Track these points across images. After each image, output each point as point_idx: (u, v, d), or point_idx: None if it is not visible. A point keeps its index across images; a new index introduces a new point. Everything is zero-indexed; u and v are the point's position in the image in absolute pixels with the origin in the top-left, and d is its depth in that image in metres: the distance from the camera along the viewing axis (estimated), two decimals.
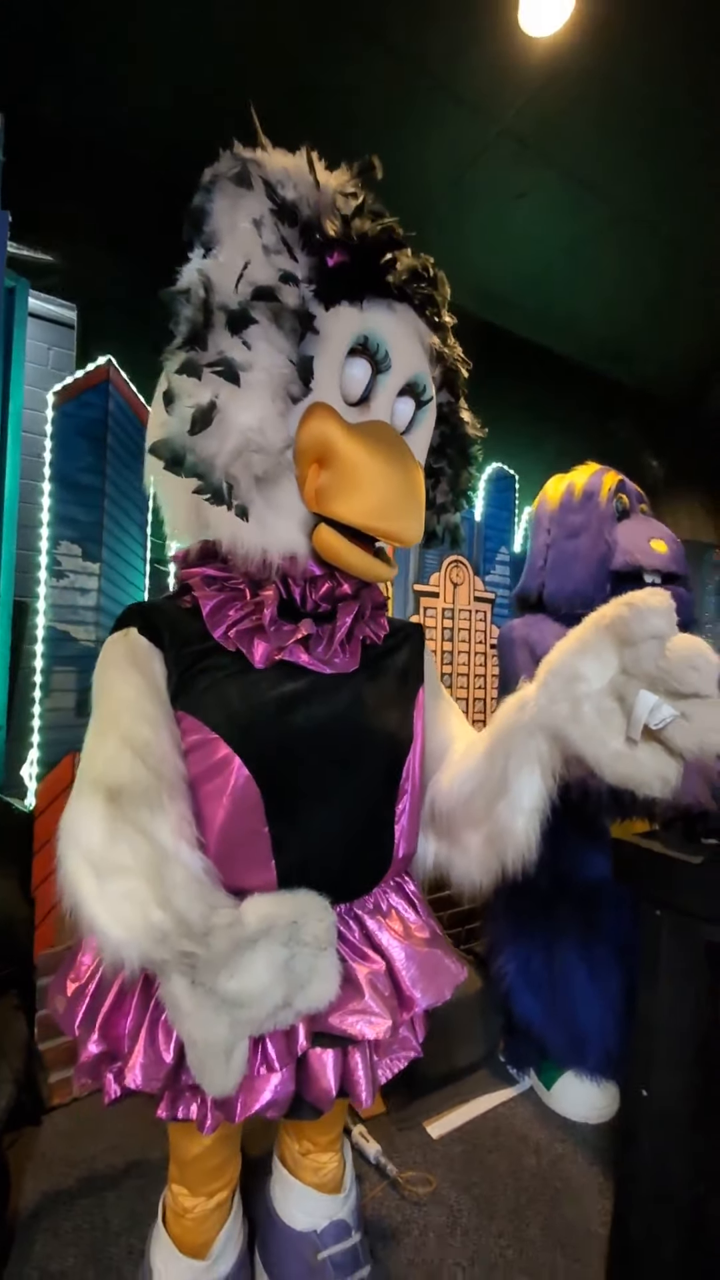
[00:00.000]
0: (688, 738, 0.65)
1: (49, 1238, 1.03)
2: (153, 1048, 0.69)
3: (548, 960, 1.36)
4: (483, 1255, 1.02)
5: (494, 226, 1.96)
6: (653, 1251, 0.95)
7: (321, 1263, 0.90)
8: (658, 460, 3.00)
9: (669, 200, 1.91)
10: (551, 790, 0.77)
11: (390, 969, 0.78)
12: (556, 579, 1.38)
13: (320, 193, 0.69)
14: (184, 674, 0.74)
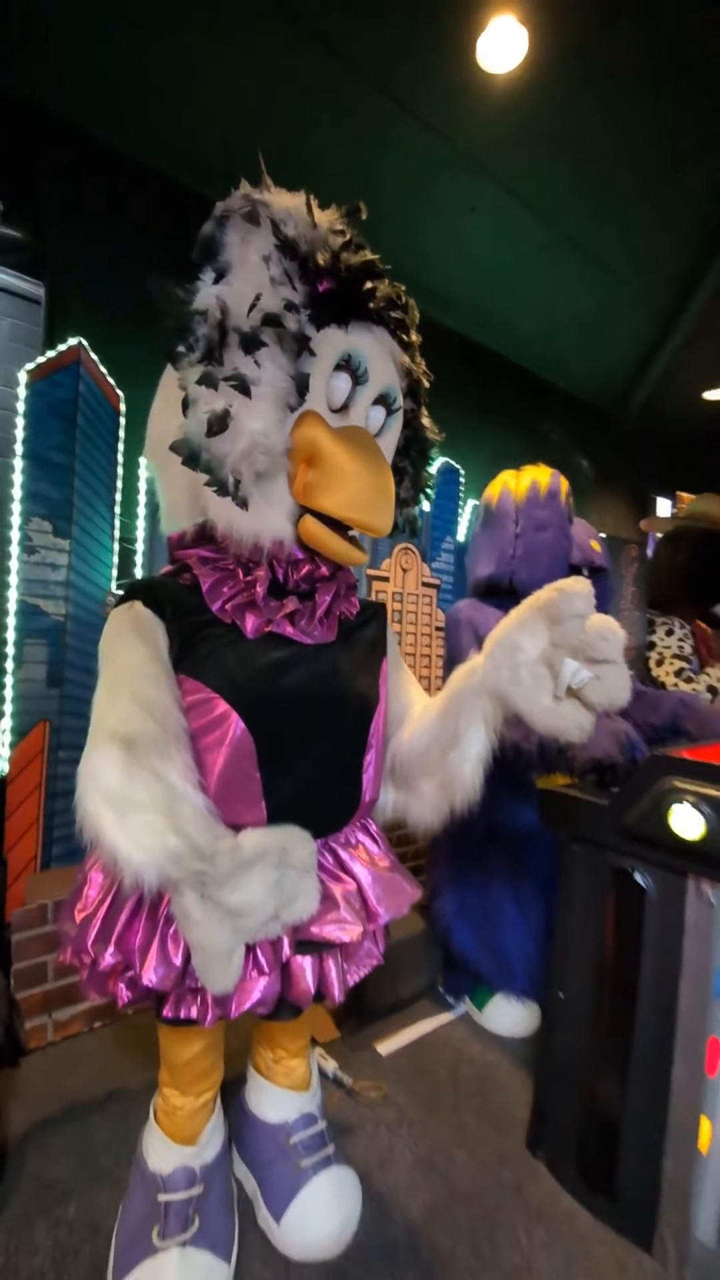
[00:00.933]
0: (600, 694, 0.84)
1: (41, 1154, 1.14)
2: (164, 954, 0.81)
3: (482, 899, 1.57)
4: (427, 1139, 1.21)
5: (446, 235, 2.11)
6: (559, 1120, 1.16)
7: (293, 1145, 1.05)
8: (586, 461, 3.27)
9: (604, 227, 2.11)
10: (493, 743, 0.95)
11: (359, 888, 0.93)
12: (528, 568, 1.55)
13: (315, 230, 0.81)
14: (185, 642, 0.86)
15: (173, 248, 1.81)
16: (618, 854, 1.12)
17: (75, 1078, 1.34)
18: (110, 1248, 0.95)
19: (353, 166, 1.74)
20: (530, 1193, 1.11)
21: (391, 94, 1.58)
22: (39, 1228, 1.00)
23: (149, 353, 1.74)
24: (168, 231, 1.99)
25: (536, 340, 2.67)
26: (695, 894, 1.03)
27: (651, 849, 1.06)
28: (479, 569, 1.65)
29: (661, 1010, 1.04)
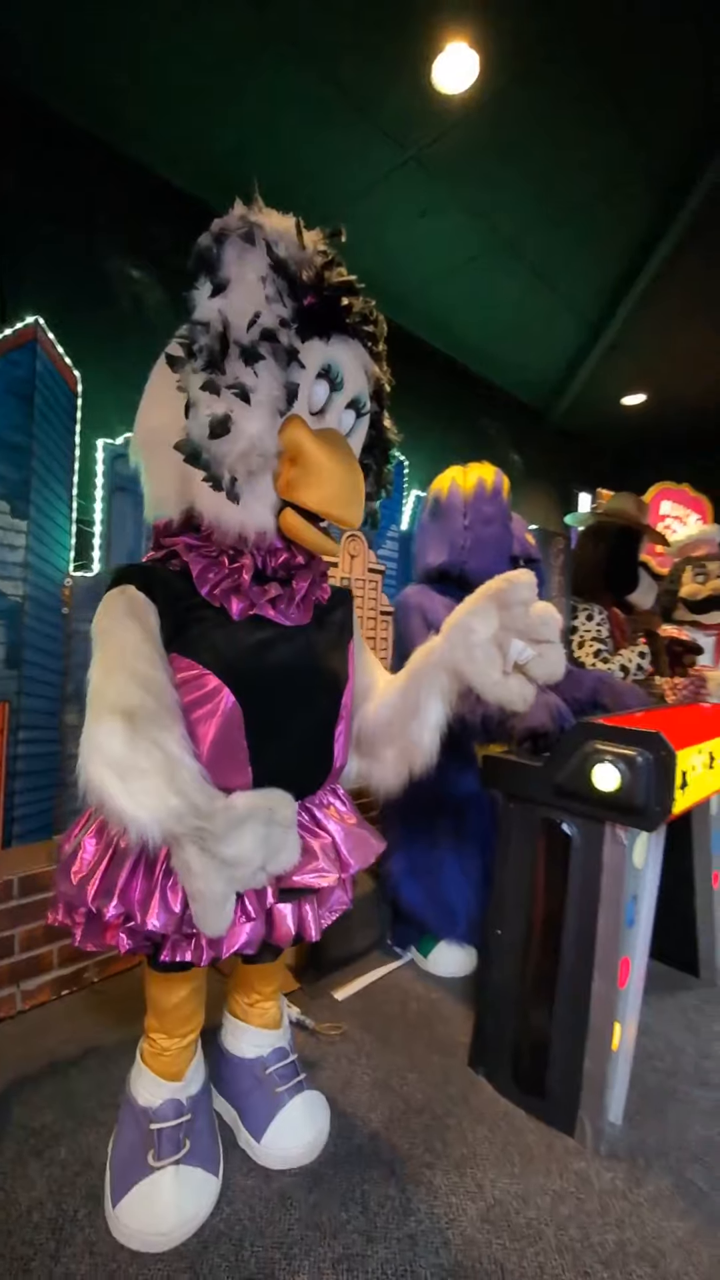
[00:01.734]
0: (541, 669, 1.00)
1: (25, 1107, 1.20)
2: (164, 903, 0.90)
3: (428, 858, 1.73)
4: (382, 1065, 1.37)
5: (397, 234, 2.21)
6: (497, 1039, 1.34)
7: (269, 1075, 1.17)
8: (518, 456, 3.49)
9: (542, 239, 2.28)
10: (450, 714, 1.10)
11: (334, 842, 1.05)
12: (477, 559, 1.69)
13: (303, 252, 0.90)
14: (177, 624, 0.95)
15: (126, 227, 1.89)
16: (549, 808, 1.30)
17: (49, 1039, 1.40)
18: (105, 1176, 1.04)
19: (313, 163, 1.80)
20: (473, 1101, 1.29)
21: (352, 100, 1.65)
22: (32, 1167, 1.08)
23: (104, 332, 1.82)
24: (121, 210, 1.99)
25: (476, 340, 2.83)
26: (611, 838, 1.22)
27: (577, 802, 1.24)
28: (430, 558, 1.79)
29: (583, 937, 1.23)
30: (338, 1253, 0.96)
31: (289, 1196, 1.05)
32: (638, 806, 1.16)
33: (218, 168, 1.94)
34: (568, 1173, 1.12)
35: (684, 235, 2.25)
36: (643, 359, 3.14)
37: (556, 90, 1.71)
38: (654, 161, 1.94)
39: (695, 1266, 0.96)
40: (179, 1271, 0.92)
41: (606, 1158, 1.16)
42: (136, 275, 1.96)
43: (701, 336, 2.99)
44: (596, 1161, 1.15)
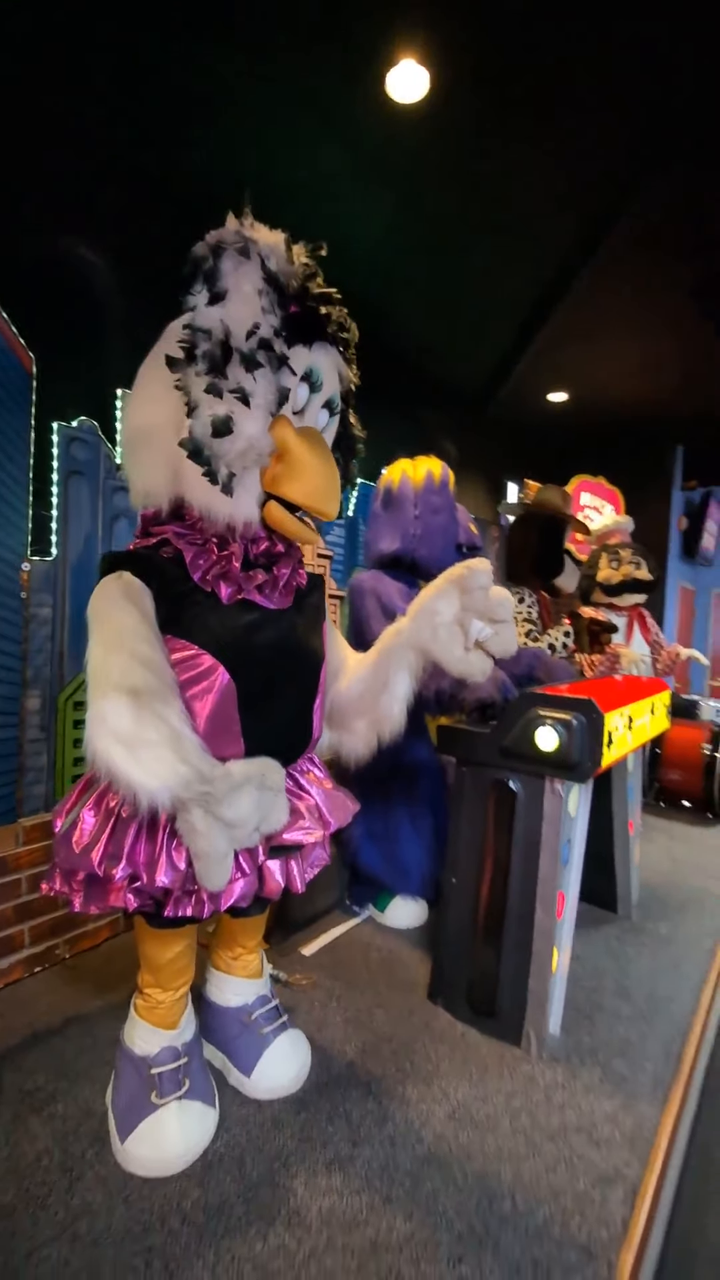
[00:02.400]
0: (497, 646, 1.15)
1: (17, 1072, 1.25)
2: (170, 862, 0.98)
3: (384, 822, 1.88)
4: (352, 1006, 1.51)
5: (346, 229, 2.28)
6: (453, 972, 1.52)
7: (254, 1019, 1.29)
8: (453, 447, 3.67)
9: (482, 246, 2.42)
10: (415, 688, 1.23)
11: (316, 804, 1.17)
12: (427, 547, 1.83)
13: (290, 264, 0.98)
14: (171, 607, 1.02)
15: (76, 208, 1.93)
16: (497, 769, 1.47)
17: (29, 1013, 1.44)
18: (108, 1120, 1.12)
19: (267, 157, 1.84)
20: (434, 1026, 1.46)
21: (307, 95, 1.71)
22: (33, 1122, 1.14)
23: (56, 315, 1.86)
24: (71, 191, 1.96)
25: (416, 336, 2.96)
26: (550, 791, 1.41)
27: (521, 761, 1.42)
28: (383, 545, 1.91)
29: (527, 876, 1.42)
30: (328, 1157, 1.09)
31: (280, 1120, 1.17)
32: (573, 762, 1.35)
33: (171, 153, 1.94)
34: (517, 1075, 1.31)
35: (607, 254, 2.47)
36: (567, 361, 3.39)
37: (499, 114, 1.84)
38: (581, 186, 2.12)
39: (621, 1131, 1.17)
40: (190, 1188, 1.02)
41: (548, 1061, 1.36)
42: (84, 255, 1.93)
43: (619, 344, 3.27)
44: (540, 1064, 1.35)
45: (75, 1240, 0.93)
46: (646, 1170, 1.10)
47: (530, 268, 2.61)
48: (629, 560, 3.52)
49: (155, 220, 2.10)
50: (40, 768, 1.81)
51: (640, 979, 1.70)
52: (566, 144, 1.93)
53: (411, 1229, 0.97)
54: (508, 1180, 1.06)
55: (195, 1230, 0.95)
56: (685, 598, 6.74)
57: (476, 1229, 0.97)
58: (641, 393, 3.95)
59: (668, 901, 2.21)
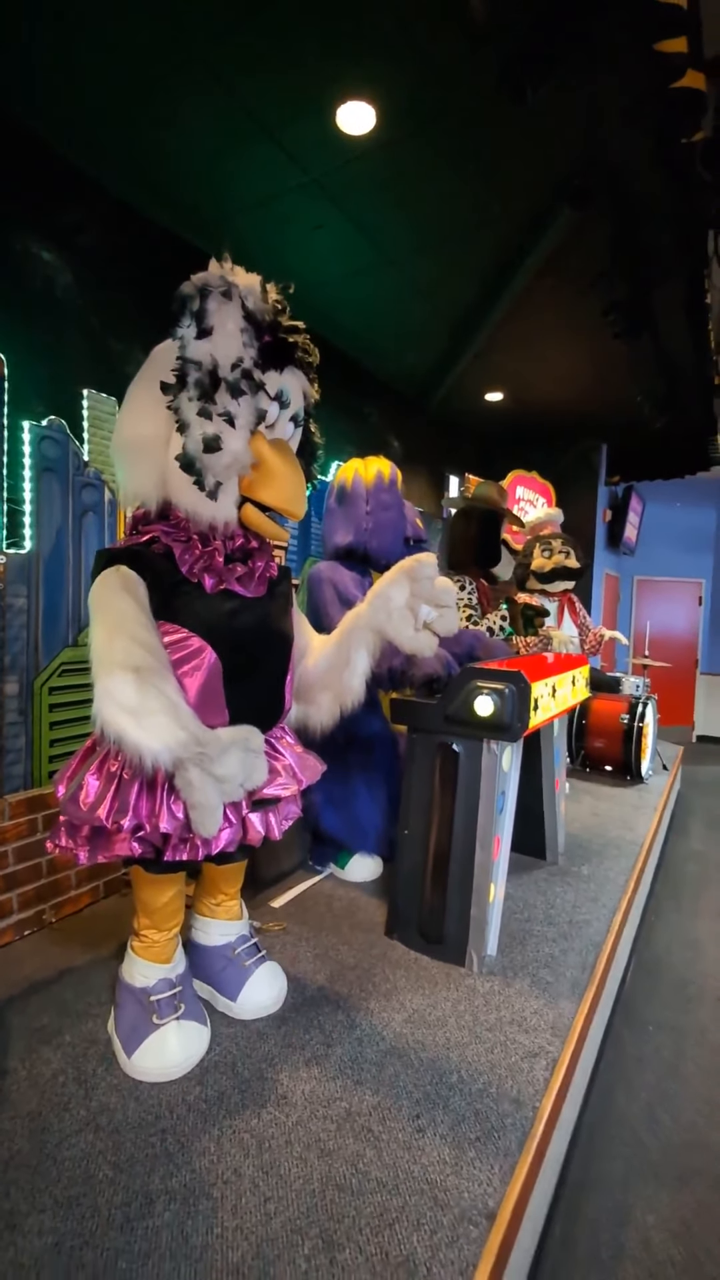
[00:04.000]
0: (442, 626, 1.37)
1: (23, 1014, 1.40)
2: (170, 812, 1.16)
3: (343, 788, 2.10)
4: (320, 944, 1.73)
5: (296, 242, 2.43)
6: (406, 910, 1.75)
7: (238, 954, 1.48)
8: (398, 442, 3.88)
9: (421, 260, 2.62)
10: (372, 664, 1.44)
11: (289, 764, 1.36)
12: (378, 540, 2.03)
13: (265, 302, 1.16)
14: (164, 596, 1.19)
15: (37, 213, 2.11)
16: (442, 734, 1.71)
17: (24, 969, 1.58)
18: (114, 1044, 1.29)
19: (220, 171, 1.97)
20: (391, 956, 1.69)
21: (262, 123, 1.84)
22: (45, 1051, 1.30)
23: (19, 315, 2.04)
24: (32, 196, 2.03)
25: (360, 338, 3.13)
26: (487, 751, 1.65)
27: (463, 727, 1.65)
28: (338, 538, 2.11)
29: (468, 823, 1.66)
30: (307, 1056, 1.30)
31: (264, 1032, 1.37)
32: (505, 725, 1.60)
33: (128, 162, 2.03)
34: (461, 987, 1.56)
35: (538, 267, 2.71)
36: (502, 363, 3.65)
37: (438, 146, 2.03)
38: (512, 207, 2.35)
39: (545, 1021, 1.44)
40: (191, 1086, 1.21)
41: (487, 975, 1.62)
42: (47, 259, 2.01)
43: (547, 352, 3.56)
44: (481, 979, 1.60)
45: (98, 1130, 1.10)
46: (564, 1047, 1.37)
47: (464, 283, 2.84)
48: (560, 550, 3.81)
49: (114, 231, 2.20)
50: (19, 749, 1.92)
51: (563, 909, 1.99)
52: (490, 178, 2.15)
53: (378, 1100, 1.19)
54: (454, 1061, 1.31)
55: (200, 1115, 1.14)
56: (610, 584, 7.27)
57: (430, 1095, 1.21)
58: (569, 395, 4.28)
59: (589, 848, 2.53)
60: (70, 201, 2.06)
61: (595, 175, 2.08)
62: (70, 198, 2.07)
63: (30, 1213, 0.95)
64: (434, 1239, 0.93)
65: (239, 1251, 0.90)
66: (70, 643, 2.06)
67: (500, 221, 2.36)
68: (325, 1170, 1.04)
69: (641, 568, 7.79)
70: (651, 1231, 1.34)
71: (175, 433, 1.13)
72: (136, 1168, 1.03)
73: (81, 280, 2.03)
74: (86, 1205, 0.96)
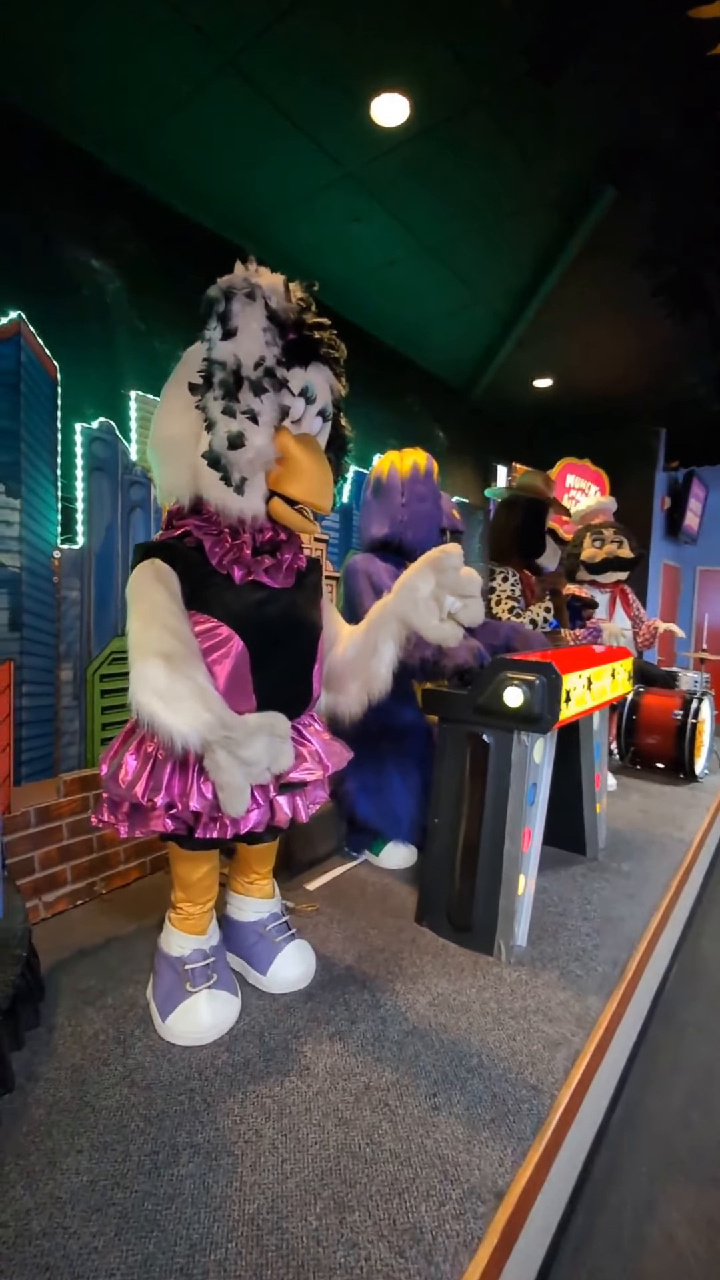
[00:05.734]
0: (466, 616, 1.38)
1: (70, 976, 1.51)
2: (200, 791, 1.22)
3: (377, 776, 2.13)
4: (350, 927, 1.77)
5: (334, 235, 2.45)
6: (436, 897, 1.77)
7: (268, 931, 1.54)
8: (443, 433, 3.85)
9: (461, 247, 2.60)
10: (399, 653, 1.46)
11: (316, 750, 1.41)
12: (413, 531, 2.05)
13: (288, 301, 1.19)
14: (194, 587, 1.25)
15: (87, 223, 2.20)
16: (473, 725, 1.71)
17: (74, 936, 1.70)
18: (150, 1008, 1.38)
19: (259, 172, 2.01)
20: (419, 941, 1.72)
21: (297, 124, 1.88)
22: (89, 1011, 1.40)
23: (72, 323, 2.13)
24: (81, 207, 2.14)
25: (403, 329, 3.13)
26: (517, 742, 1.64)
27: (493, 718, 1.65)
28: (373, 530, 2.13)
29: (498, 814, 1.66)
30: (331, 1031, 1.35)
31: (292, 1006, 1.43)
32: (536, 716, 1.58)
33: (169, 170, 2.11)
34: (488, 974, 1.57)
35: (581, 249, 2.64)
36: (549, 349, 3.56)
37: (474, 131, 2.01)
38: (551, 188, 2.29)
39: (570, 1013, 1.43)
40: (220, 1051, 1.28)
41: (515, 964, 1.62)
42: (97, 267, 2.12)
43: (598, 331, 3.44)
44: (508, 967, 1.61)
45: (133, 1085, 1.19)
46: (588, 1039, 1.36)
47: (506, 268, 2.79)
48: (611, 539, 3.67)
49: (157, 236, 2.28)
50: (74, 731, 2.05)
51: (599, 905, 1.96)
52: (528, 160, 2.10)
53: (397, 1077, 1.23)
54: (475, 1045, 1.32)
55: (226, 1079, 1.21)
56: (669, 574, 6.96)
57: (449, 1076, 1.23)
58: (623, 379, 4.13)
59: (633, 845, 2.47)
60: (116, 211, 2.16)
61: (635, 151, 2.00)
62: (116, 207, 2.17)
63: (69, 1153, 1.04)
64: (441, 1211, 0.96)
65: (255, 1205, 0.96)
66: (120, 632, 2.18)
67: (540, 203, 2.31)
68: (341, 1138, 1.08)
69: (705, 557, 7.42)
70: (676, 1227, 1.32)
71: (204, 431, 1.18)
72: (166, 1122, 1.10)
73: (128, 286, 2.12)
74: (119, 1151, 1.04)
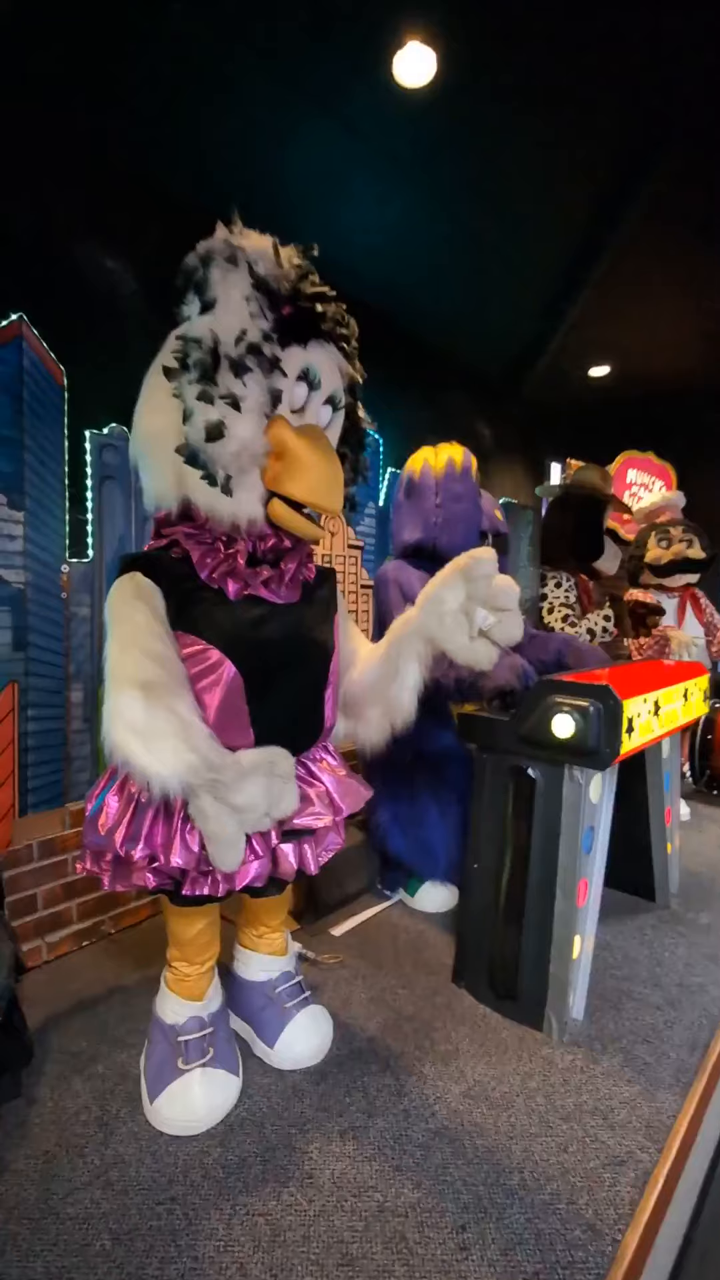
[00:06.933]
0: (502, 633, 1.15)
1: (62, 1035, 1.37)
2: (184, 844, 1.04)
3: (411, 808, 1.91)
4: (376, 985, 1.56)
5: (361, 222, 2.27)
6: (476, 955, 1.54)
7: (278, 994, 1.35)
8: (489, 430, 3.61)
9: (501, 225, 2.37)
10: (425, 676, 1.25)
11: (327, 790, 1.21)
12: (448, 535, 1.83)
13: (280, 267, 1.01)
14: (180, 605, 1.08)
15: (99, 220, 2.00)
16: (516, 756, 1.47)
17: (76, 983, 1.56)
18: (141, 1083, 1.21)
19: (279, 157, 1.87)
20: (456, 1008, 1.48)
21: (313, 96, 1.72)
22: (75, 1081, 1.24)
23: (84, 325, 1.94)
24: (94, 204, 2.04)
25: (442, 320, 2.93)
26: (569, 778, 1.39)
27: (539, 749, 1.41)
28: (405, 534, 1.93)
29: (547, 864, 1.42)
30: (343, 1126, 1.14)
31: (300, 1089, 1.23)
32: (590, 750, 1.33)
33: (186, 162, 2.00)
34: (536, 1057, 1.32)
35: (638, 219, 2.35)
36: (604, 333, 3.26)
37: (507, 85, 1.79)
38: (593, 159, 2.03)
39: (638, 1117, 1.17)
40: (212, 1147, 1.09)
41: (569, 1045, 1.37)
42: (111, 266, 2.02)
43: (659, 309, 3.12)
44: (560, 1048, 1.35)
45: (108, 1187, 1.01)
46: (661, 1156, 1.09)
47: (553, 243, 2.53)
48: (679, 538, 3.34)
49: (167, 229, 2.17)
50: (85, 756, 1.94)
51: (673, 967, 1.66)
52: (576, 118, 1.86)
53: (419, 1196, 1.01)
54: (518, 1156, 1.08)
55: (215, 1184, 1.02)
56: None
57: (483, 1200, 1.00)
58: (689, 362, 3.75)
59: (713, 890, 2.14)
60: (131, 207, 2.06)
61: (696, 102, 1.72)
62: (131, 203, 2.07)
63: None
64: None
65: None
66: None
67: (583, 166, 2.06)
68: None
69: None
70: None
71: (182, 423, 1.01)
72: (136, 1243, 0.92)
73: (142, 284, 2.02)
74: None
